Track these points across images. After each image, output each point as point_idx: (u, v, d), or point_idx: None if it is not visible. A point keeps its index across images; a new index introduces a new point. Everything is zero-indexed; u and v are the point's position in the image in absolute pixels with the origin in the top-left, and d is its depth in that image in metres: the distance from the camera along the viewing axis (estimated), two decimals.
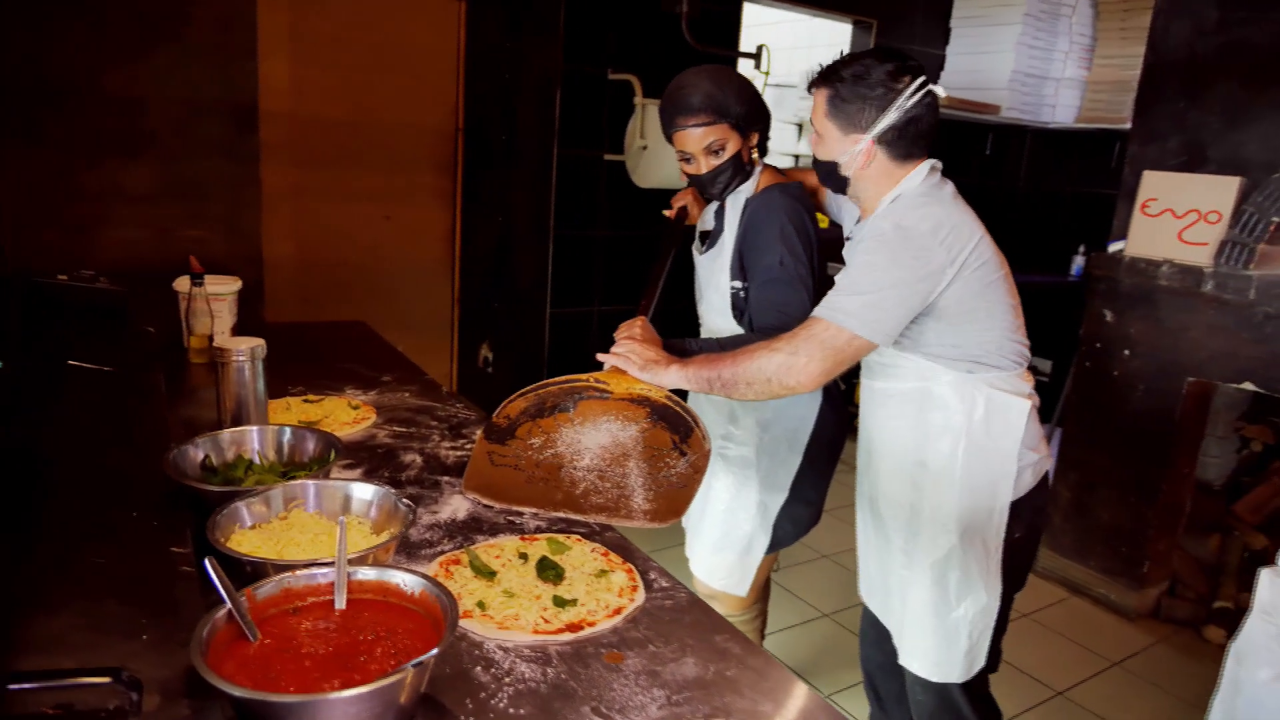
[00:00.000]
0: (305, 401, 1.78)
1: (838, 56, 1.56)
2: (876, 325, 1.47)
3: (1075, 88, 4.71)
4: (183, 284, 2.06)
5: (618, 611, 1.09)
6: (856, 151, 1.54)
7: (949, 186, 1.60)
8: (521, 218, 4.02)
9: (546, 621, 1.06)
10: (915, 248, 1.48)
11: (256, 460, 1.33)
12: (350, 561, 1.01)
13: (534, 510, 1.34)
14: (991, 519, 1.62)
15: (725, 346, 1.66)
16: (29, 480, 1.19)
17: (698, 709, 0.91)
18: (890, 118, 1.51)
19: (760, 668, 1.00)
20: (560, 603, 1.09)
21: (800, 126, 6.85)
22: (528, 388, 1.59)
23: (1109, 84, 4.63)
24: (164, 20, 3.64)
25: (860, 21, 4.48)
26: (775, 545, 1.97)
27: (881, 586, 1.80)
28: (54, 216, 3.63)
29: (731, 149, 1.76)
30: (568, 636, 1.03)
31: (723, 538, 1.95)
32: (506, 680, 0.95)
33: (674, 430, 1.47)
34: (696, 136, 1.74)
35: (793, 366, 1.48)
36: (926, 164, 1.58)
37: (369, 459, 1.55)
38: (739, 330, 1.85)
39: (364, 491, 1.18)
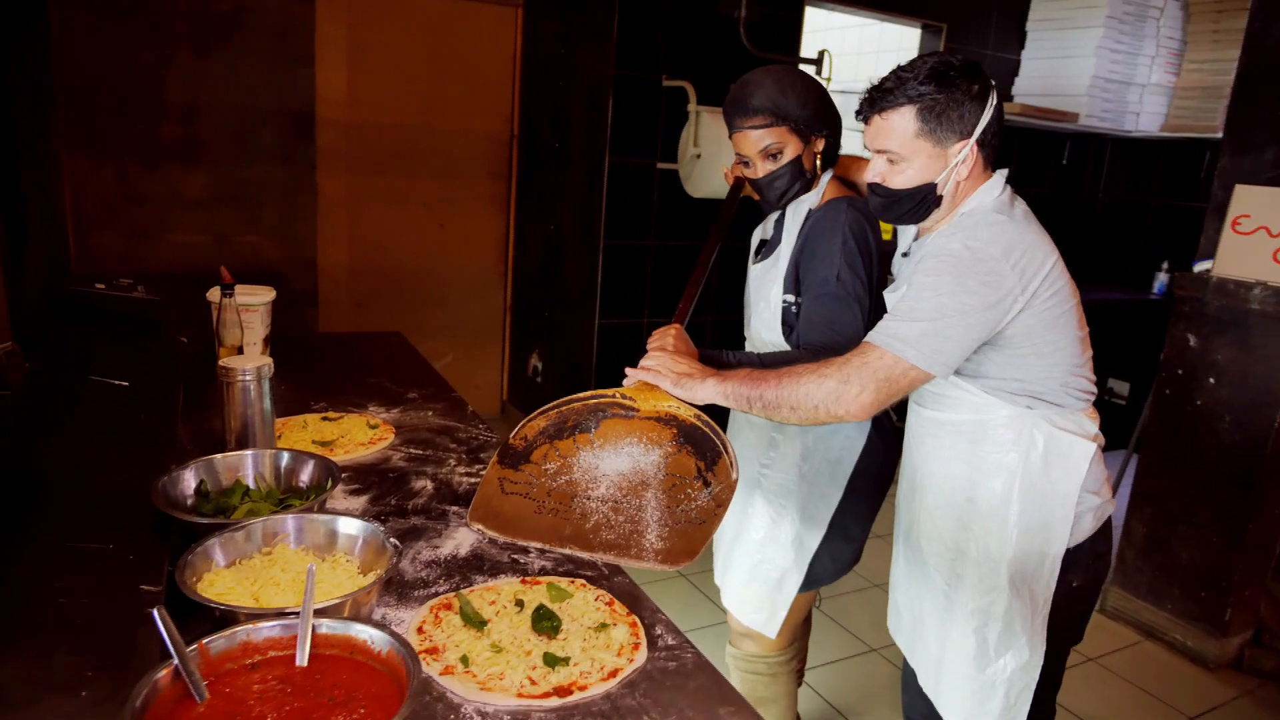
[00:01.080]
0: (324, 420, 1.73)
1: (881, 79, 1.42)
2: (936, 356, 1.35)
3: (1162, 94, 4.44)
4: (215, 294, 2.03)
5: (614, 674, 0.99)
6: (959, 162, 1.40)
7: (1021, 204, 1.47)
8: (572, 226, 3.95)
9: (533, 683, 0.96)
10: (984, 272, 1.35)
11: (253, 486, 1.27)
12: (327, 608, 0.94)
13: (540, 546, 1.25)
14: (1043, 567, 1.48)
15: (766, 362, 1.57)
16: (15, 502, 1.15)
17: None
18: (988, 114, 1.39)
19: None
20: (551, 661, 1.00)
21: None
22: (549, 405, 1.51)
23: (1198, 90, 4.35)
24: (222, 30, 3.69)
25: (929, 25, 4.30)
26: (812, 583, 1.84)
27: (913, 625, 1.68)
28: (115, 221, 3.70)
29: (790, 153, 1.66)
30: (554, 702, 0.94)
31: (755, 569, 1.83)
32: None
33: (700, 455, 1.39)
34: (753, 139, 1.66)
35: (843, 395, 1.36)
36: (1001, 173, 1.47)
37: (379, 483, 1.48)
38: (787, 347, 1.74)
39: (350, 527, 1.10)
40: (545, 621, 1.06)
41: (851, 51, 5.19)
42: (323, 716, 0.79)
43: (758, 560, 1.83)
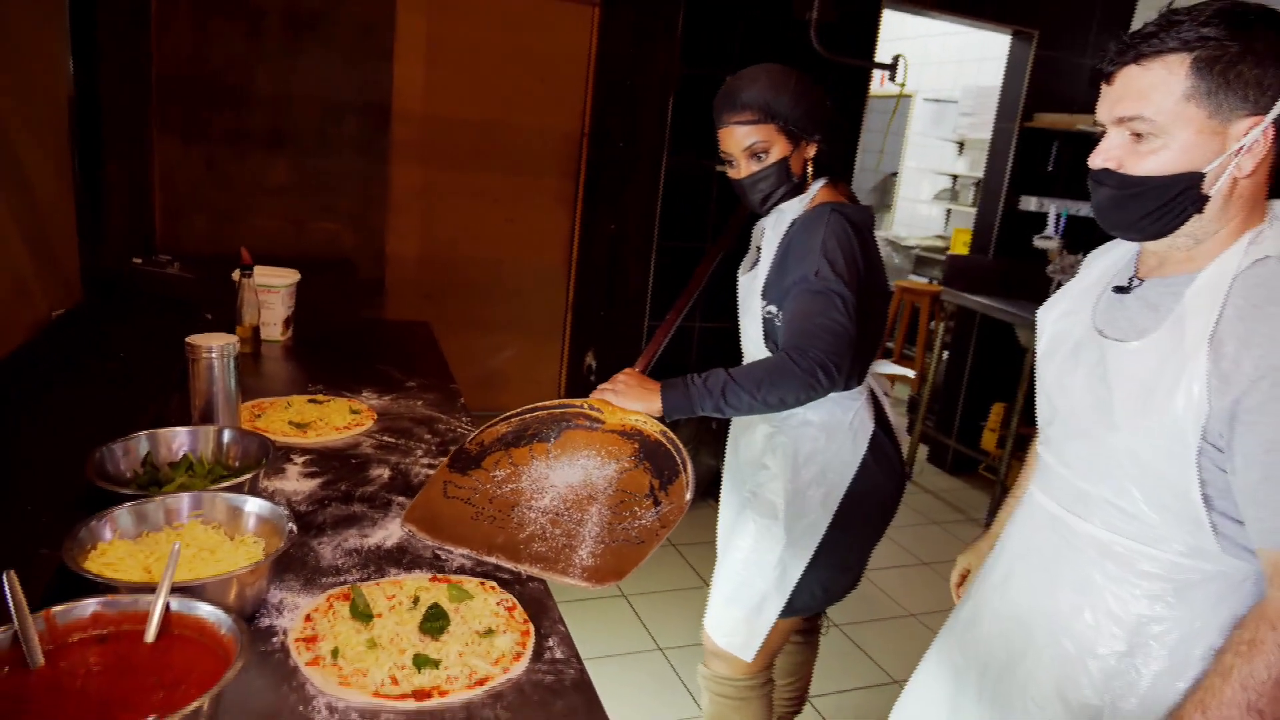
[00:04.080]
0: (310, 402, 1.75)
1: (1165, 12, 1.00)
2: None
3: None
4: (236, 275, 2.10)
5: (482, 682, 0.95)
6: (1244, 146, 0.97)
7: None
8: (632, 226, 3.94)
9: (394, 683, 0.93)
10: None
11: (196, 462, 1.29)
12: (204, 585, 0.94)
13: (466, 552, 1.22)
14: None
15: (735, 378, 1.47)
16: None
17: None
18: None
19: None
20: (421, 663, 0.96)
21: (961, 144, 6.41)
22: (514, 411, 1.49)
23: None
24: (309, 24, 3.83)
25: (1020, 32, 4.09)
26: (796, 610, 1.75)
27: None
28: (203, 204, 3.89)
29: (777, 154, 1.60)
30: (409, 705, 0.90)
31: (735, 591, 1.76)
32: None
33: (657, 473, 1.34)
34: (739, 135, 1.60)
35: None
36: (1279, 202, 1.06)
37: (338, 468, 1.49)
38: None
39: (256, 507, 1.10)
40: (432, 622, 1.03)
41: (933, 61, 4.99)
42: (144, 698, 0.79)
43: (739, 583, 1.76)
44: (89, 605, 0.87)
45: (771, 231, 1.69)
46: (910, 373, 5.14)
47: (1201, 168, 0.98)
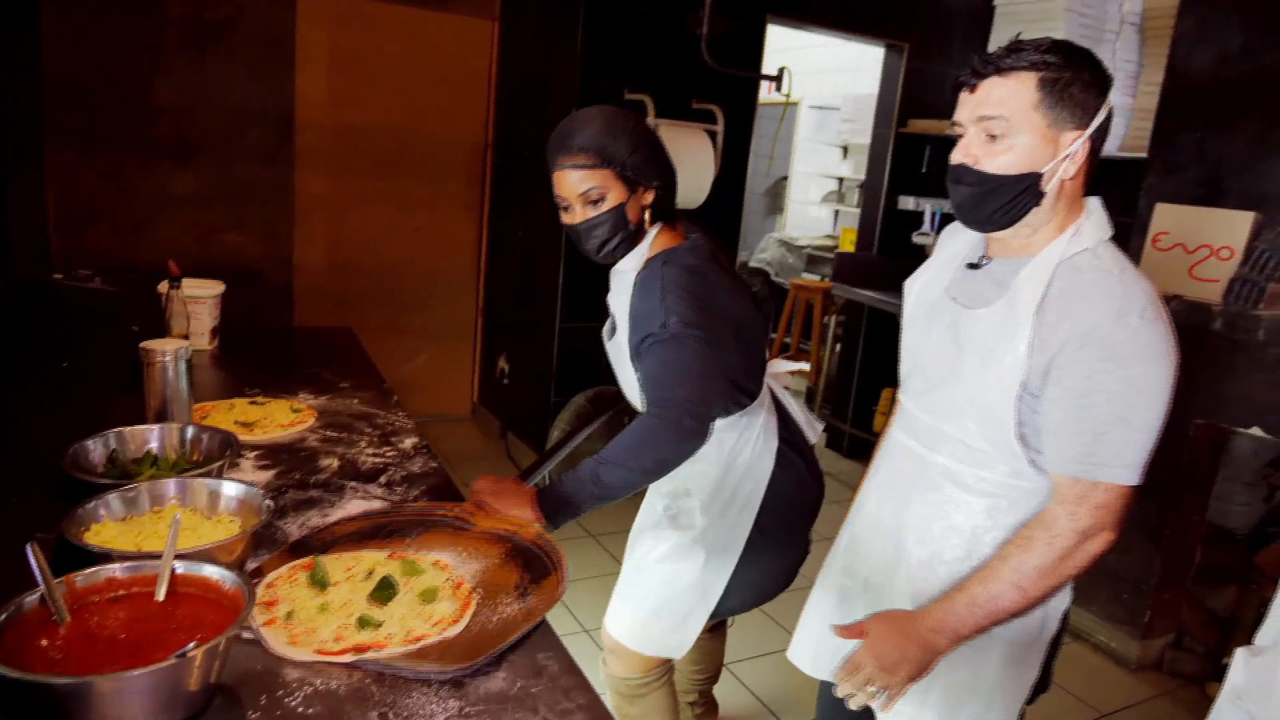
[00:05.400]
0: (251, 403, 1.85)
1: (1014, 41, 1.23)
2: (1146, 464, 1.22)
3: (1120, 115, 4.55)
4: (164, 287, 2.16)
5: (416, 640, 1.05)
6: (1069, 154, 1.21)
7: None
8: (539, 231, 4.08)
9: (338, 639, 1.04)
10: (1165, 348, 1.18)
11: (161, 456, 1.39)
12: (195, 552, 1.06)
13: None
14: (1030, 653, 1.37)
15: (604, 458, 1.43)
16: None
17: None
18: (1104, 112, 1.21)
19: (569, 687, 1.00)
20: (364, 623, 1.07)
21: (845, 149, 6.80)
22: (374, 510, 1.44)
23: (1154, 112, 4.45)
24: (210, 33, 3.84)
25: (892, 45, 4.43)
26: (727, 613, 1.83)
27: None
28: (103, 217, 3.85)
29: (613, 200, 1.55)
30: (346, 659, 1.01)
31: (659, 607, 1.79)
32: (310, 679, 0.98)
33: (526, 570, 1.26)
34: (573, 180, 1.54)
35: (1073, 553, 1.23)
36: (1096, 199, 1.30)
37: (289, 460, 1.60)
38: None
39: (232, 489, 1.23)
40: (382, 590, 1.13)
41: (818, 70, 5.33)
42: (167, 638, 0.92)
43: (662, 600, 1.78)
44: (103, 571, 0.99)
45: (619, 295, 1.67)
46: (805, 366, 5.42)
47: (1040, 168, 1.21)
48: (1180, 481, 2.84)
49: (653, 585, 1.79)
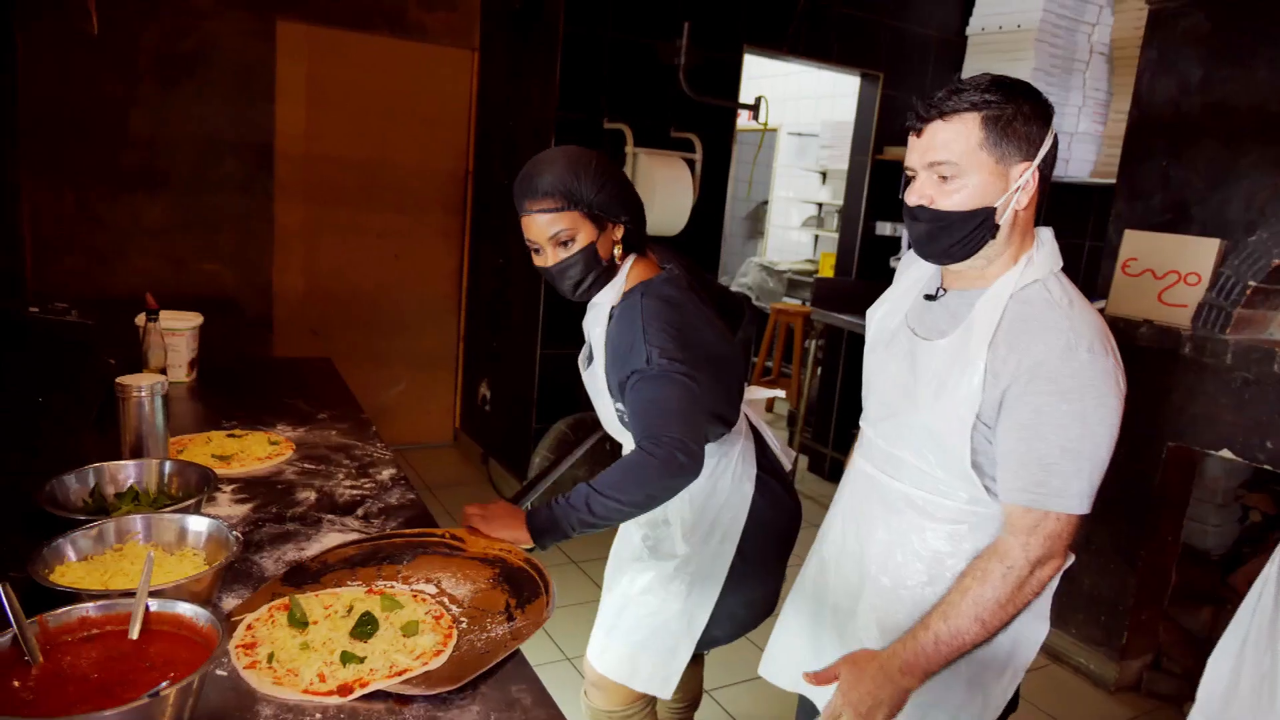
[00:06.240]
0: (229, 436, 1.85)
1: (937, 93, 1.27)
2: (1094, 493, 1.24)
3: (1091, 142, 4.65)
4: (141, 319, 2.16)
5: (401, 673, 1.06)
6: (1019, 186, 1.24)
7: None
8: (519, 259, 4.10)
9: (322, 680, 1.04)
10: (1114, 379, 1.22)
11: (141, 491, 1.39)
12: (164, 589, 1.06)
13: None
14: (1003, 677, 1.38)
15: (597, 488, 1.45)
16: None
17: None
18: (1049, 141, 1.25)
19: (542, 719, 1.01)
20: (347, 659, 1.07)
21: (824, 174, 6.88)
22: (366, 535, 1.48)
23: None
24: (186, 65, 3.86)
25: (868, 74, 4.51)
26: (707, 645, 1.83)
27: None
28: (76, 247, 3.84)
29: (583, 240, 1.56)
30: (334, 700, 1.02)
31: (645, 641, 1.78)
32: (284, 715, 0.98)
33: (515, 593, 1.29)
34: (542, 223, 1.55)
35: (1025, 582, 1.26)
36: (1047, 229, 1.33)
37: (265, 493, 1.60)
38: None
39: (198, 524, 1.23)
40: (363, 627, 1.13)
41: (796, 96, 5.41)
42: (140, 676, 0.92)
43: (649, 632, 1.77)
44: (75, 610, 0.99)
45: (595, 327, 1.68)
46: (781, 393, 5.45)
47: (993, 203, 1.24)
48: (1154, 504, 2.87)
49: (639, 617, 1.78)
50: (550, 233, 1.55)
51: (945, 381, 1.29)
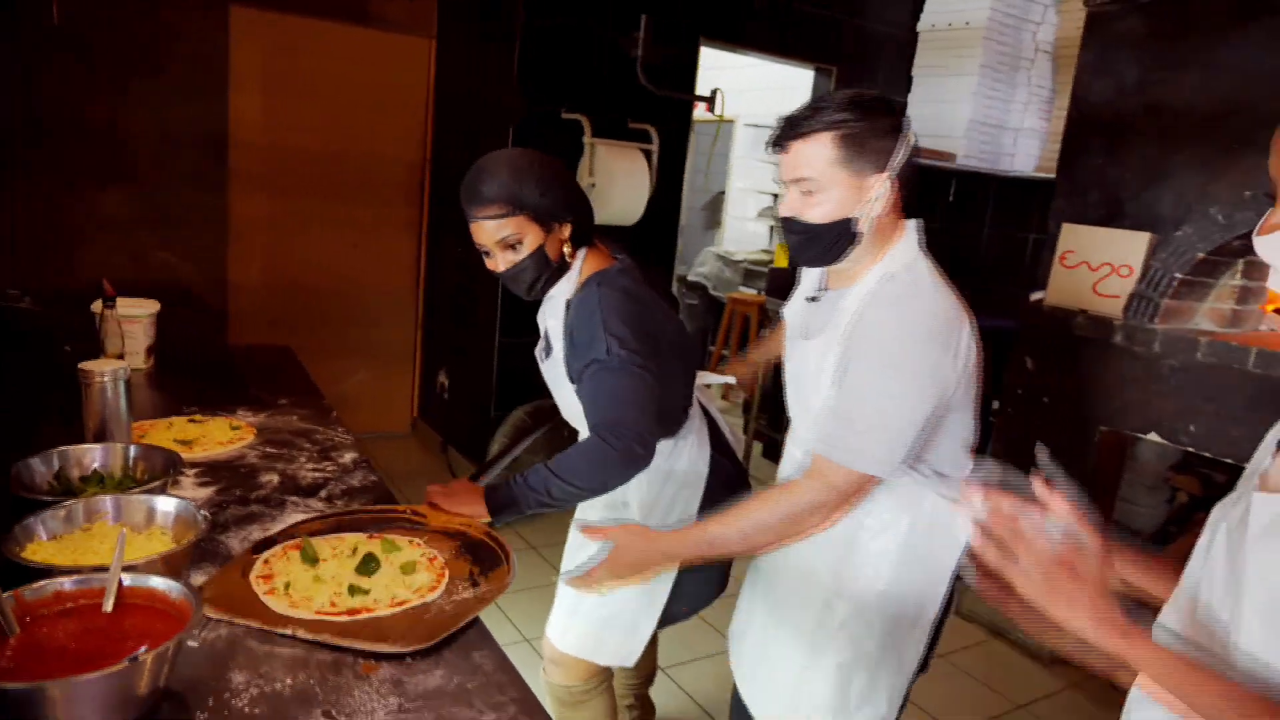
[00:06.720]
0: (190, 421, 1.88)
1: (795, 110, 1.38)
2: (890, 459, 1.36)
3: (1035, 138, 4.80)
4: (97, 306, 2.17)
5: (400, 604, 1.21)
6: (876, 196, 1.35)
7: (932, 262, 1.44)
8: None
9: (334, 605, 1.19)
10: (932, 362, 1.34)
11: (107, 474, 1.42)
12: (138, 565, 1.10)
13: (262, 627, 1.15)
14: (913, 633, 1.52)
15: (555, 471, 1.51)
16: None
17: (422, 717, 0.99)
18: (903, 149, 1.35)
19: (503, 683, 1.07)
20: (353, 590, 1.22)
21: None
22: (331, 511, 1.52)
23: None
24: (142, 59, 3.82)
25: (821, 68, 4.61)
26: (667, 623, 1.88)
27: (764, 662, 1.68)
28: (31, 239, 3.79)
29: (531, 244, 1.59)
30: (343, 619, 1.17)
31: (608, 620, 1.84)
32: (256, 682, 1.03)
33: (476, 562, 1.37)
34: (489, 229, 1.58)
35: (803, 521, 1.41)
36: (915, 224, 1.44)
37: (229, 477, 1.64)
38: None
39: (166, 504, 1.28)
40: (367, 564, 1.29)
41: (751, 88, 5.49)
42: (116, 647, 0.96)
43: (611, 613, 1.83)
44: (51, 585, 1.02)
45: (551, 319, 1.71)
46: (733, 379, 5.52)
47: (852, 214, 1.36)
48: (1087, 485, 3.01)
49: (601, 597, 1.81)
50: (497, 237, 1.59)
51: (816, 375, 1.45)
